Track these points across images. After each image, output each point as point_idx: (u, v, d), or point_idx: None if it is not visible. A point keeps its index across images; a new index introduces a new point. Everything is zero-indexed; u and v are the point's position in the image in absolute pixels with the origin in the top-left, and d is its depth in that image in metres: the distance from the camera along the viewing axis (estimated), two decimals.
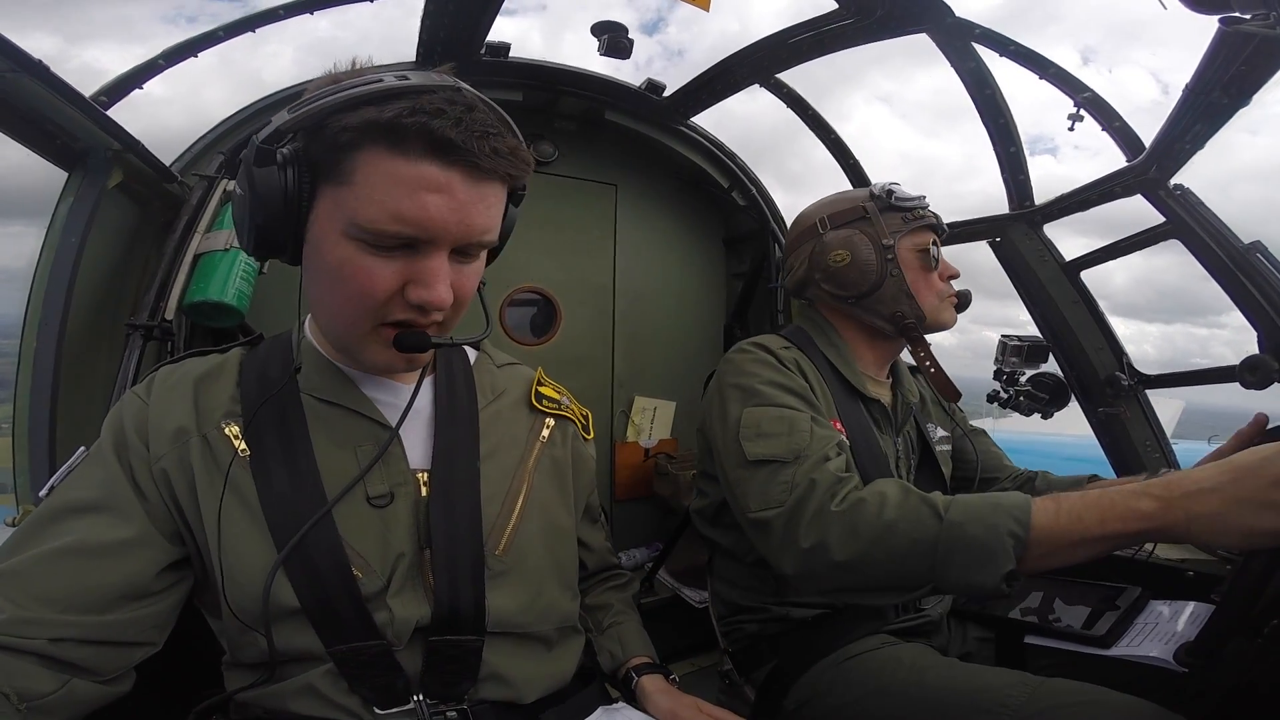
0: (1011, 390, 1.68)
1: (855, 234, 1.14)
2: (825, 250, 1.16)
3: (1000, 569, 0.72)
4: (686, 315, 2.51)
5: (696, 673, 2.03)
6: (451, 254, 0.63)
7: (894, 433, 1.19)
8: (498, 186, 0.64)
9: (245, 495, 0.67)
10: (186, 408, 0.70)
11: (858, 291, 1.14)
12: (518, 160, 0.63)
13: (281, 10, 1.54)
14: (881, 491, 0.83)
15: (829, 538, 0.82)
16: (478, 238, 0.63)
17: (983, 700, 0.86)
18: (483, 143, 0.59)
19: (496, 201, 0.65)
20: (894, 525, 0.78)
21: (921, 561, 0.76)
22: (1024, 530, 0.72)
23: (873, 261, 1.13)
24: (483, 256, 0.68)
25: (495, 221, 0.65)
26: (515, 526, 0.76)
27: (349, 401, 0.72)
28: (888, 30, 1.45)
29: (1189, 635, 0.97)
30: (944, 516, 0.77)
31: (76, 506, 0.65)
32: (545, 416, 0.87)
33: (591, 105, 2.06)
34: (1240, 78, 1.09)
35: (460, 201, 0.60)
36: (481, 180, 0.61)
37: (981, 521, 0.74)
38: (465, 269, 0.65)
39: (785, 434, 0.95)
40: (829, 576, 0.84)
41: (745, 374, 1.06)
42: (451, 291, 0.64)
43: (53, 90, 1.16)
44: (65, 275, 1.37)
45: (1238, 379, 1.31)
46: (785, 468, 0.91)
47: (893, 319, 1.15)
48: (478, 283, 0.69)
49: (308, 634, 0.66)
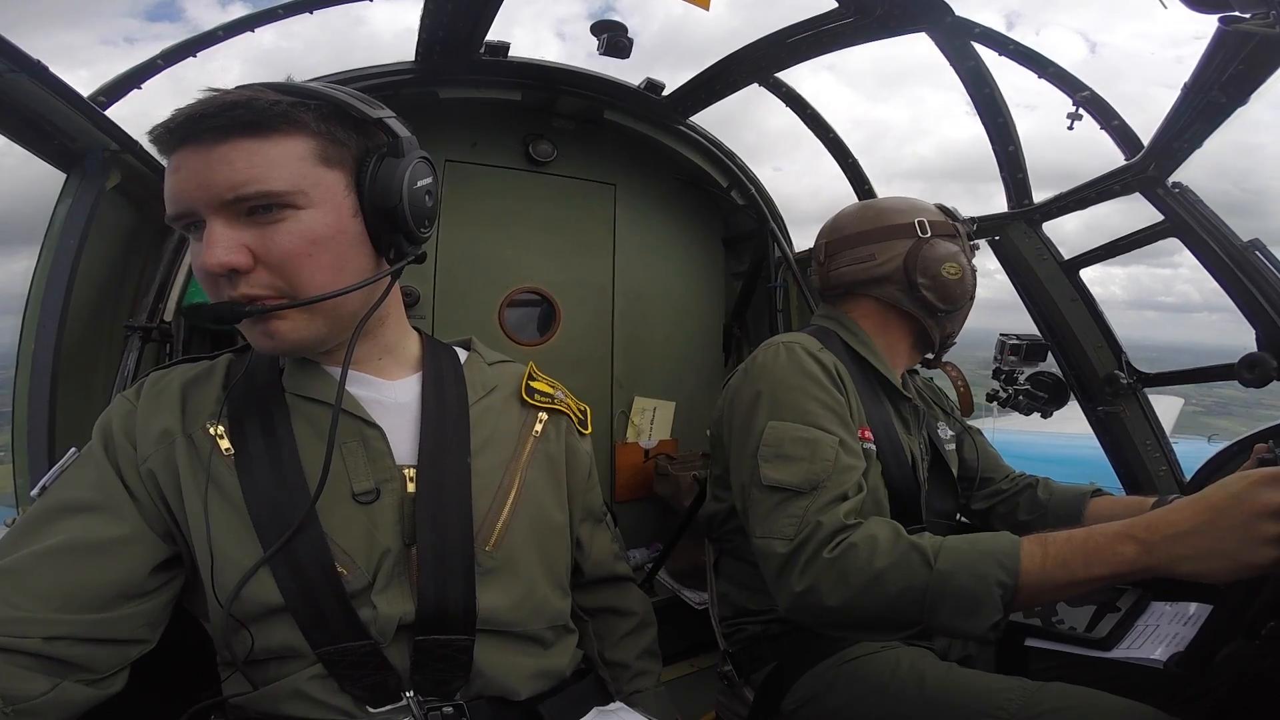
0: (1010, 389, 1.68)
1: (960, 251, 1.15)
2: (936, 258, 1.12)
3: (988, 619, 0.74)
4: (686, 315, 2.51)
5: (696, 673, 2.03)
6: (245, 218, 0.63)
7: (920, 430, 1.19)
8: (248, 141, 0.62)
9: (229, 493, 0.68)
10: (173, 410, 0.71)
11: (953, 306, 1.15)
12: (249, 108, 0.62)
13: (280, 10, 1.54)
14: (873, 535, 0.83)
15: (821, 584, 0.82)
16: (230, 193, 0.62)
17: (981, 704, 0.87)
18: (200, 114, 0.61)
19: (251, 153, 0.62)
20: (884, 574, 0.79)
21: (911, 608, 0.77)
22: (1012, 579, 0.74)
23: (973, 283, 1.17)
24: (300, 217, 0.64)
25: (253, 174, 0.62)
26: (506, 522, 0.76)
27: (328, 396, 0.72)
28: (887, 29, 1.45)
29: (1189, 636, 0.97)
30: (934, 565, 0.77)
31: (70, 506, 0.65)
32: (538, 411, 0.86)
33: (590, 105, 2.06)
34: (1239, 77, 1.08)
35: (193, 169, 0.62)
36: (213, 144, 0.62)
37: (970, 571, 0.75)
38: (270, 231, 0.63)
39: (806, 459, 0.92)
40: (820, 618, 0.85)
41: (779, 381, 1.00)
42: (240, 254, 0.62)
43: (50, 90, 1.16)
44: (64, 277, 1.37)
45: (1236, 377, 1.31)
46: (798, 499, 0.89)
47: (947, 336, 1.20)
48: (300, 244, 0.64)
49: (293, 632, 0.66)
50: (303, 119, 0.64)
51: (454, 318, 2.08)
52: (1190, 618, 1.05)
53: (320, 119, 0.66)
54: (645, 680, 0.95)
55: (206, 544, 0.66)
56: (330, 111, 0.67)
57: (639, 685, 0.94)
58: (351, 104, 0.67)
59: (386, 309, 0.76)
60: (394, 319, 0.79)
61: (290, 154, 0.64)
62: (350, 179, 0.68)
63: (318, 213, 0.65)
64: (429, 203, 0.71)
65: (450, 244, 2.09)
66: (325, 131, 0.66)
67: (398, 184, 0.67)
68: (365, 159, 0.68)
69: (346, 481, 0.70)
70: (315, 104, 0.66)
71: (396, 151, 0.68)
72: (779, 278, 2.30)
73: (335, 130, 0.67)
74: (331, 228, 0.66)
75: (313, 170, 0.65)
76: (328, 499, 0.68)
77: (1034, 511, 1.25)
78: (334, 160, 0.66)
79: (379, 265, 0.71)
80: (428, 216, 0.71)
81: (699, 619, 1.91)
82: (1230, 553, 0.64)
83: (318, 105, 0.66)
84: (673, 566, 2.16)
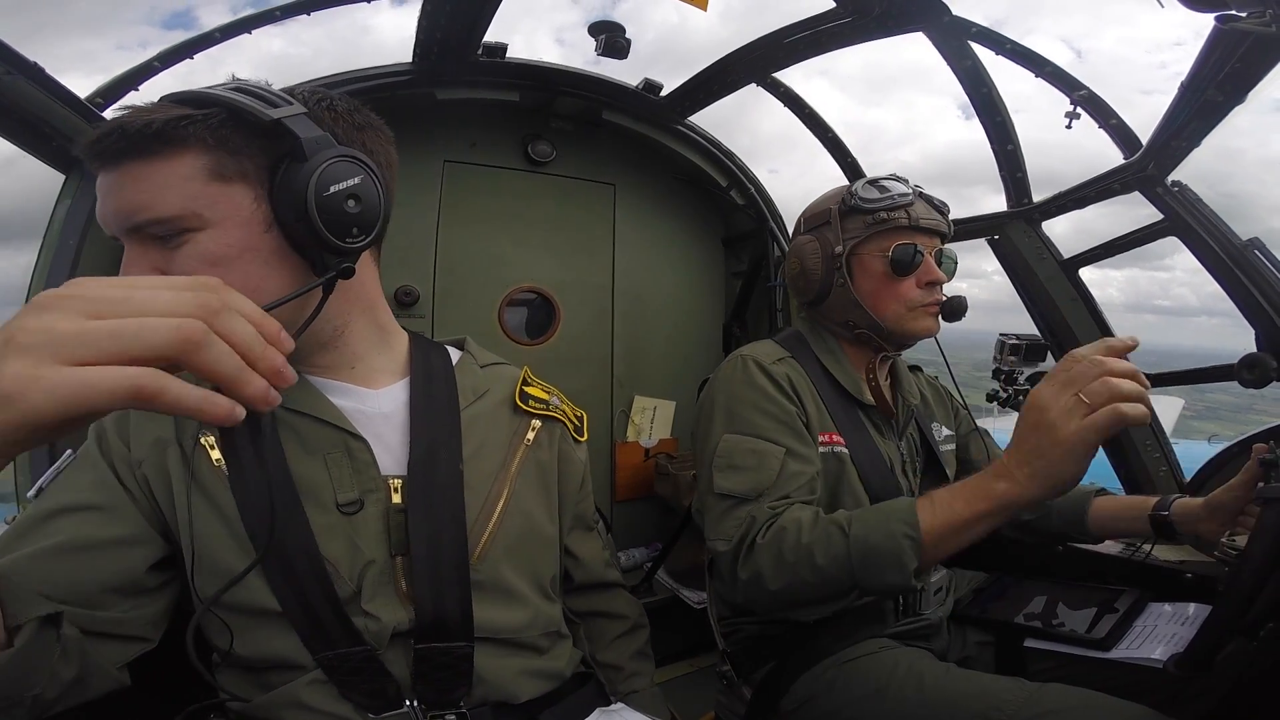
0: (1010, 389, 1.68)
1: (811, 240, 1.14)
2: (788, 256, 1.19)
3: (908, 567, 0.83)
4: (686, 315, 2.50)
5: (695, 673, 2.03)
6: (153, 241, 0.61)
7: (896, 436, 1.18)
8: (135, 165, 0.59)
9: (220, 503, 0.68)
10: (166, 417, 0.71)
11: (807, 299, 1.17)
12: (121, 133, 0.58)
13: (278, 12, 1.54)
14: (797, 519, 0.92)
15: (762, 569, 0.91)
16: (127, 220, 0.60)
17: (980, 705, 0.87)
18: (96, 139, 0.59)
19: (137, 179, 0.60)
20: (811, 547, 0.88)
21: (842, 573, 0.86)
22: (915, 531, 0.83)
23: (817, 270, 1.12)
24: (197, 239, 0.60)
25: (141, 200, 0.59)
26: (492, 534, 0.75)
27: (316, 410, 0.72)
28: (884, 29, 1.45)
29: (1188, 637, 0.97)
30: (849, 532, 0.87)
31: (69, 506, 0.65)
32: (531, 418, 0.85)
33: (589, 105, 2.06)
34: (1236, 75, 1.08)
35: (103, 195, 0.61)
36: (113, 168, 0.60)
37: (881, 531, 0.85)
38: (175, 254, 0.61)
39: (754, 469, 0.98)
40: (768, 602, 0.94)
41: (733, 395, 1.06)
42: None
43: (48, 92, 1.17)
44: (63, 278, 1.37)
45: (1236, 377, 1.31)
46: (744, 505, 0.96)
47: (845, 326, 1.15)
48: (198, 267, 0.60)
49: (290, 638, 0.66)
50: (186, 135, 0.59)
51: (453, 317, 2.08)
52: (1189, 618, 1.05)
53: (212, 130, 0.60)
54: (640, 681, 0.95)
55: (191, 549, 0.66)
56: (226, 119, 0.61)
57: (634, 686, 0.94)
58: (244, 106, 0.60)
59: (346, 318, 0.73)
60: (358, 327, 0.75)
61: (176, 175, 0.60)
62: (260, 190, 0.62)
63: (217, 232, 0.61)
64: (353, 207, 0.62)
65: (450, 244, 2.09)
66: (218, 143, 0.60)
67: (300, 191, 0.60)
68: (277, 166, 0.62)
69: (331, 491, 0.70)
70: (204, 115, 0.60)
71: (298, 155, 0.61)
72: (778, 277, 2.30)
73: (231, 140, 0.61)
74: (235, 247, 0.61)
75: (205, 189, 0.60)
76: (312, 508, 0.68)
77: (1036, 511, 1.24)
78: (232, 174, 0.61)
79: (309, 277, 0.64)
80: (355, 224, 0.62)
81: (698, 618, 1.91)
82: (1058, 469, 0.72)
83: (207, 116, 0.60)
84: (672, 566, 2.16)
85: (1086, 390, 0.69)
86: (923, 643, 1.10)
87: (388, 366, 0.79)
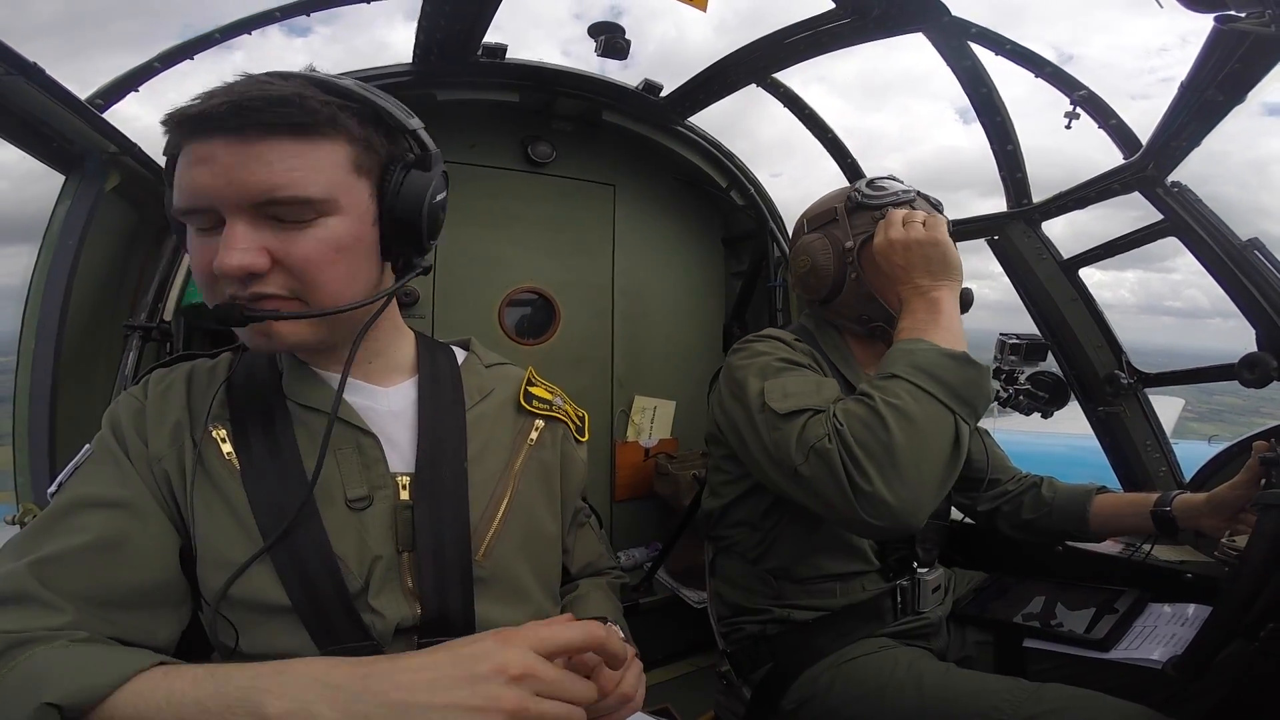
0: (1010, 389, 1.68)
1: (820, 238, 1.14)
2: (795, 255, 1.18)
3: (975, 361, 0.90)
4: (686, 315, 2.51)
5: (694, 673, 2.04)
6: (270, 220, 0.61)
7: None
8: (291, 142, 0.60)
9: (231, 497, 0.67)
10: (181, 410, 0.71)
11: (819, 296, 1.15)
12: (300, 107, 0.59)
13: (278, 13, 1.54)
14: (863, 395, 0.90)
15: (871, 442, 0.82)
16: (263, 195, 0.59)
17: (979, 705, 0.87)
18: (243, 105, 0.58)
19: (288, 156, 0.60)
20: (894, 405, 0.85)
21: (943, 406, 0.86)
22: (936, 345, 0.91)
23: (829, 267, 1.12)
24: (327, 224, 0.63)
25: (292, 177, 0.60)
26: (497, 532, 0.75)
27: (326, 405, 0.71)
28: (884, 29, 1.45)
29: (1187, 637, 0.97)
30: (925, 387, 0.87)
31: (94, 502, 0.64)
32: (535, 418, 0.85)
33: (589, 106, 2.06)
34: (1235, 75, 1.08)
35: (225, 165, 0.59)
36: (252, 140, 0.59)
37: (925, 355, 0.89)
38: (295, 235, 0.61)
39: (814, 391, 0.95)
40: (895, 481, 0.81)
41: (759, 355, 1.04)
42: (260, 257, 0.60)
43: (48, 93, 1.17)
44: (63, 277, 1.38)
45: (1236, 377, 1.31)
46: (821, 414, 0.89)
47: (859, 321, 1.15)
48: (324, 251, 0.63)
49: (298, 634, 0.66)
50: (347, 124, 0.63)
51: (454, 318, 2.08)
52: (1189, 619, 1.05)
53: (360, 124, 0.64)
54: (591, 591, 0.90)
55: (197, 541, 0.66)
56: (369, 116, 0.66)
57: (584, 593, 0.90)
58: (390, 111, 0.67)
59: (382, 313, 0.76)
60: (387, 322, 0.78)
61: (330, 160, 0.62)
62: (374, 186, 0.67)
63: (344, 220, 0.64)
64: (442, 217, 0.71)
65: (450, 244, 2.09)
66: (363, 138, 0.65)
67: (421, 198, 0.67)
68: (390, 167, 0.67)
69: (340, 487, 0.70)
70: (356, 107, 0.64)
71: (425, 165, 0.68)
72: (779, 277, 2.31)
73: (372, 137, 0.65)
74: (353, 235, 0.65)
75: (346, 178, 0.64)
76: (322, 504, 0.68)
77: (1038, 510, 1.24)
78: (365, 168, 0.65)
79: (384, 272, 0.70)
80: (437, 229, 0.71)
81: (698, 618, 1.91)
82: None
83: (358, 109, 0.65)
84: (672, 566, 2.16)
85: None
86: (922, 642, 1.10)
87: (397, 364, 0.80)
